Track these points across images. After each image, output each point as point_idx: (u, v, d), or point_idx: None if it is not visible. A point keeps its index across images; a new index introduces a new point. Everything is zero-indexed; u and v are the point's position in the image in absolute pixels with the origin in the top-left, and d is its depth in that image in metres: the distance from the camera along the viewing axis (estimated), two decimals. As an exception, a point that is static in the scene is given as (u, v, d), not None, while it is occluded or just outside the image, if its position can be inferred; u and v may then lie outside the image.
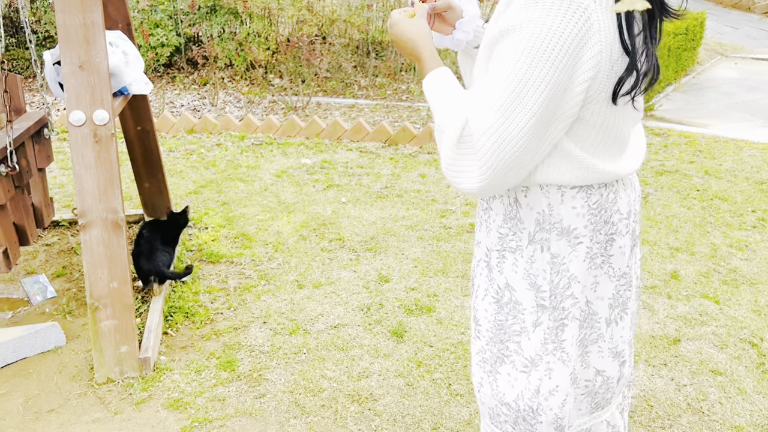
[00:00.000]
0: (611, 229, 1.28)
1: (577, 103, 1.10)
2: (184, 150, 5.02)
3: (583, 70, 1.07)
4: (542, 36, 1.04)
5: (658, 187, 4.16)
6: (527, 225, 1.27)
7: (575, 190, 1.23)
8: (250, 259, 3.30)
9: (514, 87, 1.06)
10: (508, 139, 1.09)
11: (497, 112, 1.08)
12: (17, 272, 3.16)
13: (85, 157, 2.34)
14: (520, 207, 1.27)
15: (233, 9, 6.49)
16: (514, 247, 1.30)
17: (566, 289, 1.28)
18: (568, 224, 1.25)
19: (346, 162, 4.75)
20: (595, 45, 1.06)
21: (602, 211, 1.26)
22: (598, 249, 1.28)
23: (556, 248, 1.26)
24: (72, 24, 2.29)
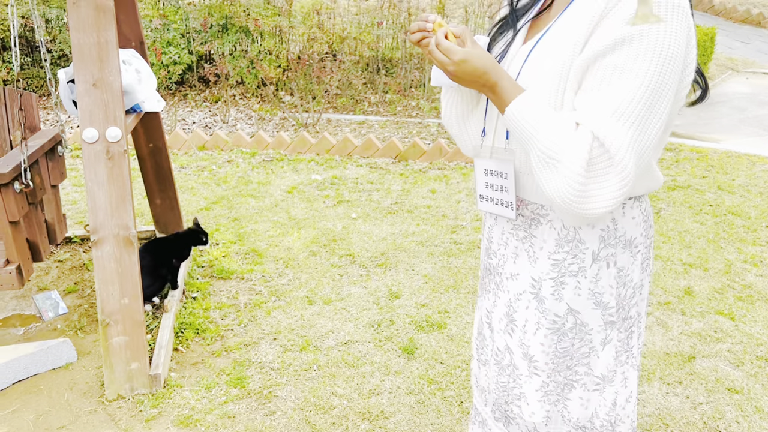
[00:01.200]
0: (652, 232, 1.32)
1: (679, 107, 1.13)
2: (195, 166, 5.05)
3: (688, 72, 1.09)
4: (666, 43, 1.02)
5: (671, 203, 4.13)
6: (590, 244, 1.22)
7: (632, 200, 1.24)
8: (261, 275, 3.30)
9: (648, 97, 1.03)
10: (645, 149, 1.06)
11: (633, 123, 1.03)
12: (30, 288, 3.18)
13: (97, 174, 2.35)
14: (580, 228, 1.22)
15: (245, 27, 6.56)
16: (575, 270, 1.24)
17: (632, 299, 1.29)
18: (630, 235, 1.25)
19: (356, 178, 4.75)
20: (693, 47, 1.09)
21: (648, 217, 1.29)
22: (647, 253, 1.30)
23: (622, 261, 1.25)
24: (86, 43, 2.32)
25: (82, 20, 2.31)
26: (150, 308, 2.96)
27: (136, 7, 2.94)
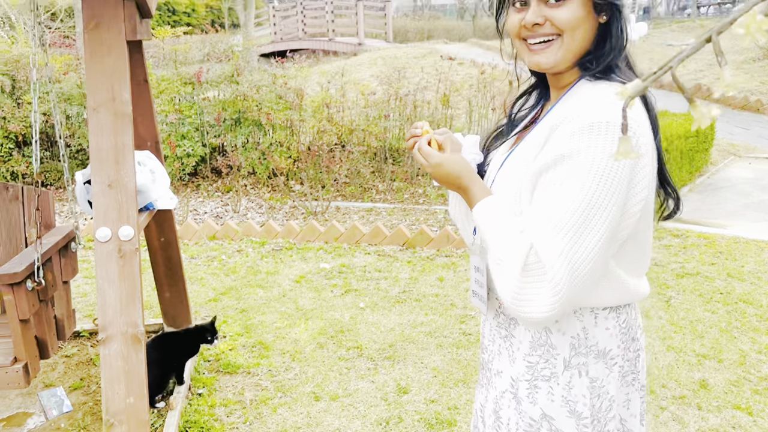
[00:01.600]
0: (636, 345, 1.29)
1: (632, 223, 1.13)
2: (205, 257, 5.11)
3: (638, 190, 1.10)
4: (603, 160, 1.05)
5: (680, 291, 4.11)
6: (561, 351, 1.23)
7: (607, 311, 1.23)
8: (267, 369, 3.26)
9: (582, 211, 1.06)
10: (579, 262, 1.07)
11: (566, 235, 1.07)
12: (35, 384, 3.16)
13: (109, 272, 2.39)
14: (551, 333, 1.23)
15: (257, 121, 6.81)
16: (548, 375, 1.24)
17: (608, 412, 1.25)
18: (603, 346, 1.23)
19: (364, 266, 4.78)
20: (645, 166, 1.10)
21: (629, 329, 1.27)
22: (629, 366, 1.28)
23: (595, 372, 1.23)
24: (104, 146, 2.42)
25: (101, 125, 2.43)
26: (163, 404, 2.92)
27: (152, 109, 3.08)
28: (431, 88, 8.07)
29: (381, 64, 11.75)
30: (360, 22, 19.47)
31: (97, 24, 2.46)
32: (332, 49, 19.68)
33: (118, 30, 2.46)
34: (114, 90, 2.44)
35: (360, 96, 7.42)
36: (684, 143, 6.47)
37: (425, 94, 7.65)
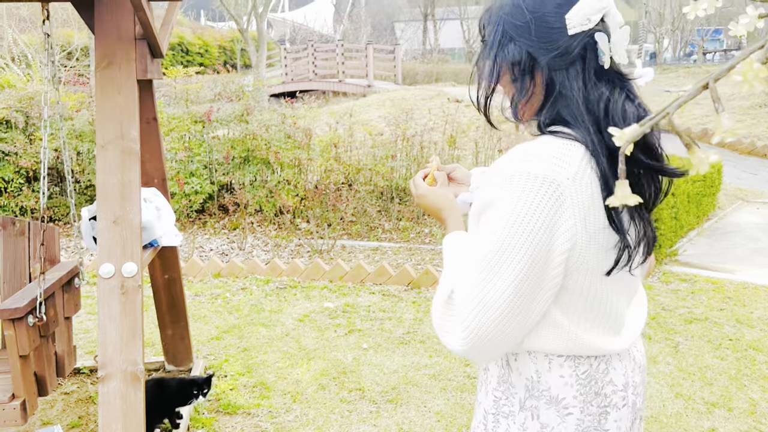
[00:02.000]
0: (604, 401, 1.22)
1: (558, 273, 1.10)
2: (209, 294, 5.09)
3: (560, 242, 1.08)
4: (517, 211, 1.07)
5: (688, 336, 4.05)
6: (518, 390, 1.24)
7: (563, 359, 1.21)
8: (268, 410, 3.21)
9: (492, 255, 1.09)
10: (489, 304, 1.09)
11: (477, 276, 1.10)
12: (33, 422, 3.12)
13: (110, 308, 2.38)
14: (512, 371, 1.25)
15: (265, 159, 6.87)
16: (507, 413, 1.26)
17: None
18: (556, 393, 1.21)
19: (368, 306, 4.74)
20: (568, 219, 1.07)
21: (592, 382, 1.21)
22: (591, 422, 1.22)
23: (545, 418, 1.21)
24: (110, 183, 2.44)
25: (108, 162, 2.45)
26: None
27: (160, 147, 3.11)
28: (438, 129, 8.15)
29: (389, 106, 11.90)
30: (370, 64, 19.81)
31: (109, 63, 2.51)
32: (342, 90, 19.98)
33: (129, 70, 2.51)
34: (123, 128, 2.48)
35: (368, 136, 7.50)
36: (691, 187, 6.46)
37: (432, 135, 7.72)
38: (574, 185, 1.08)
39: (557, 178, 1.07)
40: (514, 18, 1.17)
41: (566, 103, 1.14)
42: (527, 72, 1.17)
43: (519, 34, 1.16)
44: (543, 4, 1.14)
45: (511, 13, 1.17)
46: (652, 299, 4.73)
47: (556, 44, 1.13)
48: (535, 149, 1.11)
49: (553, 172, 1.07)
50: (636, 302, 1.34)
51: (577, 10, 1.11)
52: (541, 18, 1.14)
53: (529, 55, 1.15)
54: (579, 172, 1.08)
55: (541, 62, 1.15)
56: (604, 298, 1.18)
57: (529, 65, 1.16)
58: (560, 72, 1.14)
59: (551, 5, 1.14)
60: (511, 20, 1.17)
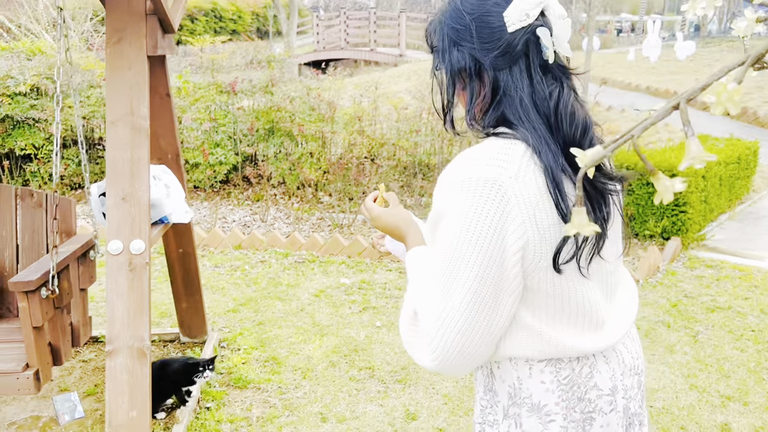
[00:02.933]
0: (588, 406, 1.18)
1: (516, 274, 1.09)
2: (229, 266, 5.14)
3: (511, 241, 1.07)
4: (463, 218, 1.08)
5: (709, 326, 3.95)
6: (501, 398, 1.23)
7: (543, 364, 1.18)
8: (277, 385, 3.25)
9: (446, 267, 1.09)
10: (449, 317, 1.09)
11: (435, 291, 1.12)
12: (51, 388, 3.21)
13: (118, 285, 2.41)
14: (495, 379, 1.24)
15: (289, 132, 6.86)
16: (491, 421, 1.25)
17: None
18: (538, 400, 1.18)
19: (384, 283, 4.74)
20: (516, 217, 1.06)
21: (575, 387, 1.18)
22: (575, 428, 1.18)
23: (528, 425, 1.19)
24: (120, 159, 2.45)
25: (118, 139, 2.46)
26: (163, 415, 2.94)
27: (174, 123, 3.11)
28: (465, 103, 8.01)
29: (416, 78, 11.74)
30: (402, 33, 19.53)
31: (120, 39, 2.50)
32: (373, 59, 19.78)
33: (139, 45, 2.50)
34: (132, 104, 2.47)
35: (392, 110, 7.41)
36: (724, 169, 6.26)
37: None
38: (518, 183, 1.07)
39: (499, 179, 1.07)
40: (455, 22, 1.17)
41: (510, 102, 1.14)
42: (474, 76, 1.17)
43: (461, 38, 1.16)
44: (481, 5, 1.15)
45: (452, 18, 1.18)
46: (674, 285, 4.63)
47: (497, 43, 1.13)
48: (477, 153, 1.11)
49: (495, 173, 1.07)
50: (620, 295, 1.28)
51: (515, 6, 1.12)
52: (480, 18, 1.14)
53: (474, 58, 1.15)
54: (521, 170, 1.08)
55: (485, 64, 1.14)
56: (573, 295, 1.14)
57: (476, 69, 1.16)
58: (504, 72, 1.14)
59: (489, 5, 1.14)
60: (452, 25, 1.18)
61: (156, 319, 4.12)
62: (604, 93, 10.60)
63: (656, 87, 12.60)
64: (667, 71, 14.36)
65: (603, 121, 1.51)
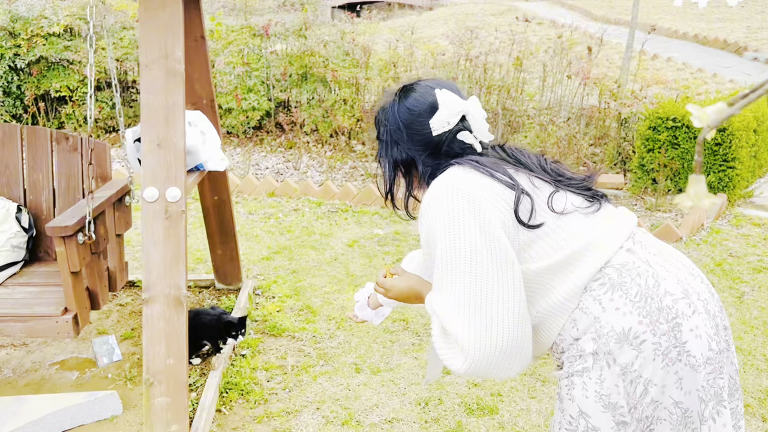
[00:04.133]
0: (669, 313, 1.19)
1: (505, 243, 1.25)
2: (262, 213, 5.13)
3: (489, 217, 1.26)
4: (442, 220, 1.28)
5: (755, 286, 3.82)
6: (586, 346, 1.24)
7: (609, 292, 1.23)
8: (312, 335, 3.24)
9: (442, 266, 1.28)
10: (458, 304, 1.24)
11: (440, 292, 1.30)
12: (89, 331, 3.26)
13: (154, 233, 2.38)
14: (578, 340, 1.27)
15: (323, 77, 6.71)
16: (581, 370, 1.24)
17: (644, 397, 1.19)
18: (621, 327, 1.20)
19: (418, 235, 4.67)
20: (482, 199, 1.28)
21: (648, 299, 1.21)
22: (668, 341, 1.18)
23: (622, 357, 1.19)
24: (155, 104, 2.38)
25: (152, 83, 2.39)
26: (199, 360, 2.96)
27: (208, 67, 3.02)
28: (504, 50, 7.72)
29: (453, 22, 11.36)
30: (437, -25, 18.86)
31: (153, -23, 2.39)
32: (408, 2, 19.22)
33: (173, -16, 2.39)
34: (167, 47, 2.39)
35: (429, 56, 7.19)
36: (776, 123, 5.96)
37: (497, 56, 7.33)
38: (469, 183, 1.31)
39: (456, 183, 1.31)
40: (393, 125, 1.45)
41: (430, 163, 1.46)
42: (411, 167, 1.46)
43: (399, 139, 1.44)
44: (411, 115, 1.43)
45: (391, 122, 1.45)
46: (719, 243, 4.47)
47: (428, 145, 1.42)
48: (432, 186, 1.35)
49: (452, 184, 1.31)
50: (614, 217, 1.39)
51: (438, 117, 1.40)
52: (410, 127, 1.43)
53: (409, 155, 1.44)
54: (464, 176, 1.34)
55: (417, 160, 1.44)
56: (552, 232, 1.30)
57: (412, 162, 1.45)
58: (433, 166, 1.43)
59: (416, 116, 1.42)
60: (391, 127, 1.45)
61: (191, 264, 4.13)
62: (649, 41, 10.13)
63: (705, 35, 12.00)
64: (717, 18, 13.66)
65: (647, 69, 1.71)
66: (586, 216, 1.34)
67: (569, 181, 1.39)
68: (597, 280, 1.25)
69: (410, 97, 1.44)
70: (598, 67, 7.70)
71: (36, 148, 3.07)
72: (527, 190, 1.32)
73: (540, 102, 6.98)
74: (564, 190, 1.36)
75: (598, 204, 1.37)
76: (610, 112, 6.13)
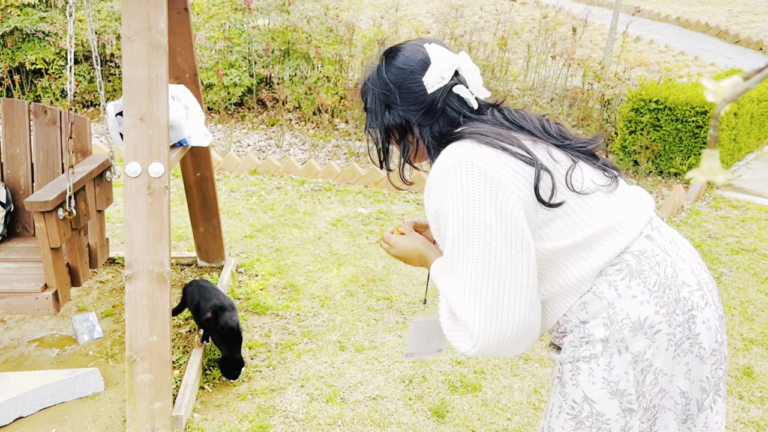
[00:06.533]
0: (686, 305, 1.18)
1: (524, 226, 1.18)
2: (245, 191, 5.08)
3: (507, 196, 1.18)
4: (455, 198, 1.19)
5: (733, 267, 3.88)
6: (596, 331, 1.20)
7: (627, 279, 1.19)
8: (296, 312, 3.24)
9: (453, 247, 1.20)
10: (469, 290, 1.18)
11: (450, 274, 1.22)
12: (69, 308, 3.21)
13: (137, 208, 2.35)
14: (587, 323, 1.23)
15: (306, 54, 6.62)
16: (588, 356, 1.21)
17: (653, 386, 1.18)
18: (636, 316, 1.17)
19: (402, 214, 4.67)
20: (503, 172, 1.19)
21: (667, 289, 1.18)
22: (682, 332, 1.17)
23: (636, 346, 1.17)
24: (137, 77, 2.33)
25: (134, 55, 2.33)
26: None
27: (192, 40, 2.96)
28: (489, 29, 7.68)
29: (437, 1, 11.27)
30: (421, -47, 18.65)
31: (135, -54, 2.32)
32: (391, -20, 18.99)
33: (156, -47, 2.32)
34: (150, 18, 2.33)
35: (414, 33, 7.12)
36: (756, 107, 6.03)
37: (482, 35, 7.29)
38: (486, 160, 1.21)
39: (469, 157, 1.21)
40: (382, 88, 1.36)
41: (447, 122, 1.35)
42: (406, 132, 1.37)
43: (391, 102, 1.35)
44: (403, 74, 1.34)
45: (379, 85, 1.36)
46: (698, 225, 4.53)
47: (421, 105, 1.34)
48: (443, 155, 1.26)
49: (466, 156, 1.21)
50: (628, 194, 1.35)
51: (431, 72, 1.32)
52: (403, 86, 1.34)
53: (403, 117, 1.35)
54: (475, 148, 1.24)
55: (412, 121, 1.35)
56: (571, 210, 1.24)
57: (407, 126, 1.36)
58: (428, 127, 1.35)
59: (408, 73, 1.34)
60: (381, 91, 1.36)
61: (173, 242, 4.09)
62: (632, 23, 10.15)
63: (687, 18, 12.06)
64: (699, 2, 13.73)
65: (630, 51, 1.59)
66: (606, 195, 1.28)
67: (575, 145, 1.32)
68: (614, 265, 1.21)
69: (399, 56, 1.36)
70: (582, 48, 7.70)
71: (13, 121, 2.99)
72: (547, 165, 1.23)
73: (524, 82, 6.97)
74: (581, 161, 1.30)
75: (616, 181, 1.31)
76: (593, 94, 6.15)
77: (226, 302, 2.78)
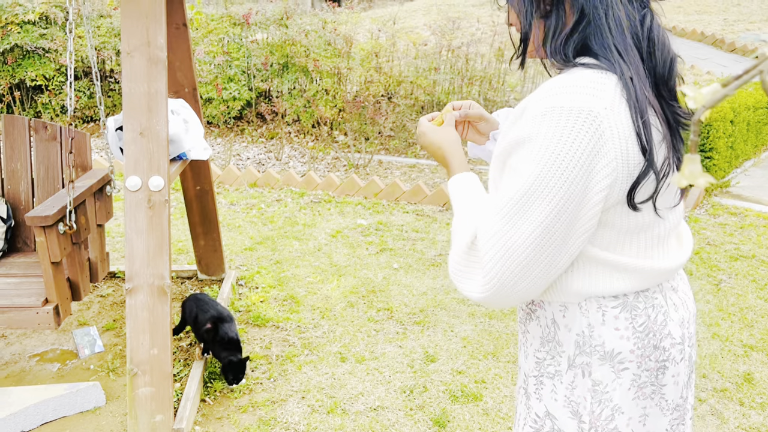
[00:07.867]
0: (662, 355, 1.14)
1: (596, 214, 1.02)
2: (244, 204, 5.10)
3: (599, 178, 0.99)
4: (552, 147, 0.98)
5: (732, 274, 3.89)
6: (566, 348, 1.16)
7: (617, 310, 1.12)
8: (296, 324, 3.24)
9: (521, 196, 1.00)
10: (513, 247, 1.02)
11: (502, 219, 1.02)
12: (70, 323, 3.22)
13: (137, 222, 2.36)
14: (558, 328, 1.17)
15: (304, 67, 6.67)
16: (552, 373, 1.18)
17: (609, 422, 1.14)
18: (611, 347, 1.12)
19: (401, 225, 4.69)
20: (609, 152, 0.99)
21: (650, 334, 1.13)
22: (648, 377, 1.14)
23: (599, 374, 1.13)
24: (136, 92, 2.35)
25: (134, 71, 2.36)
26: None
27: (191, 55, 2.99)
28: (486, 40, 7.74)
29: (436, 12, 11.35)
30: (418, -34, 18.80)
31: (134, -37, 2.35)
32: (388, -7, 19.12)
33: (155, -30, 2.36)
34: (149, 34, 2.36)
35: (411, 46, 7.18)
36: (752, 115, 6.06)
37: (479, 47, 7.35)
38: (613, 115, 0.98)
39: (594, 109, 0.97)
40: None
41: (597, 30, 1.04)
42: (556, 3, 1.07)
43: None
44: None
45: None
46: (697, 232, 4.55)
47: None
48: (567, 81, 1.02)
49: (589, 103, 0.98)
50: (680, 226, 1.23)
51: None
52: None
53: None
54: (615, 101, 0.99)
55: None
56: (644, 227, 1.10)
57: None
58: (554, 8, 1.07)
59: None
60: None
61: (173, 255, 4.10)
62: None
63: (683, 27, 12.14)
64: (695, 11, 13.82)
65: None
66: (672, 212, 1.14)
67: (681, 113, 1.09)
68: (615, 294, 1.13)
69: None
70: (578, 58, 7.74)
71: (14, 136, 3.02)
72: (662, 170, 1.04)
73: (521, 93, 7.01)
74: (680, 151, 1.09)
75: (681, 194, 1.15)
76: (590, 103, 6.18)
77: (225, 313, 2.80)
